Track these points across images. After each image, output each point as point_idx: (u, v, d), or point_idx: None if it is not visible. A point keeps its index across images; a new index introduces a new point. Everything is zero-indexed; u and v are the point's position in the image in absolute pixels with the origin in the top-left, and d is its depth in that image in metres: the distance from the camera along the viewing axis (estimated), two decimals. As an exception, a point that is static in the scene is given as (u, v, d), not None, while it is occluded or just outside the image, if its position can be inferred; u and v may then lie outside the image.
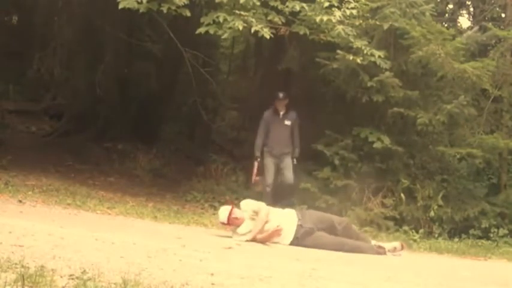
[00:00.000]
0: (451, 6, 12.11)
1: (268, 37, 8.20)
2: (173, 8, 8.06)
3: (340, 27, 8.27)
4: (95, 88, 11.70)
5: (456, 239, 8.45)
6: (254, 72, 14.82)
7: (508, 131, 9.27)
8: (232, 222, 6.35)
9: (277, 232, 6.20)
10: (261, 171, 8.76)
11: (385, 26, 8.75)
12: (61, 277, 3.22)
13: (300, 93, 11.33)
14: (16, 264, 3.37)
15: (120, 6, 8.03)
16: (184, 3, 8.06)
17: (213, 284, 3.53)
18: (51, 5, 14.02)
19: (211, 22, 8.30)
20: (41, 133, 13.54)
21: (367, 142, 8.78)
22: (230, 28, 8.09)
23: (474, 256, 7.57)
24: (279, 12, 8.43)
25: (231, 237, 6.43)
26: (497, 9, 11.03)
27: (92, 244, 4.51)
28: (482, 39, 9.78)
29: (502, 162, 9.34)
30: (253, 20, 8.05)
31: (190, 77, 10.79)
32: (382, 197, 8.64)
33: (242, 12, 8.01)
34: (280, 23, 8.40)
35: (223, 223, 6.45)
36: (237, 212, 6.34)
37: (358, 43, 8.50)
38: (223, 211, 6.40)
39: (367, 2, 8.72)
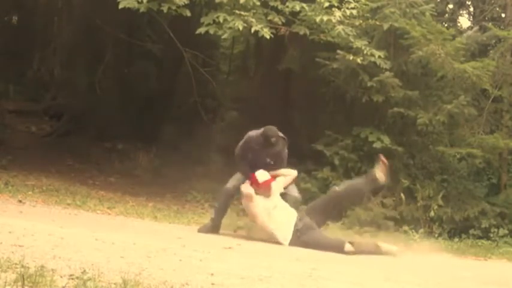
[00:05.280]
0: (451, 6, 12.09)
1: (268, 37, 8.20)
2: (173, 8, 8.07)
3: (340, 27, 8.28)
4: (95, 88, 11.70)
5: (456, 239, 8.46)
6: (254, 72, 14.80)
7: (508, 131, 9.26)
8: (264, 187, 6.36)
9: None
10: None
11: (385, 26, 8.76)
12: (61, 277, 3.21)
13: (300, 93, 11.33)
14: (16, 264, 3.36)
15: (120, 6, 8.04)
16: (184, 3, 8.08)
17: (213, 284, 3.53)
18: (51, 5, 14.02)
19: (211, 22, 8.31)
20: (41, 133, 13.53)
21: (367, 142, 8.78)
22: (230, 28, 8.10)
23: (474, 256, 7.57)
24: (279, 12, 8.44)
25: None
26: (497, 9, 11.01)
27: (92, 244, 4.51)
28: (482, 39, 9.77)
29: (502, 162, 9.34)
30: (253, 20, 8.05)
31: (190, 77, 10.79)
32: (382, 197, 8.63)
33: (242, 12, 8.02)
34: (280, 23, 8.41)
35: (256, 182, 6.37)
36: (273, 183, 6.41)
37: (358, 43, 8.51)
38: (264, 175, 6.39)
39: (367, 2, 8.73)
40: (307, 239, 6.16)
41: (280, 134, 6.62)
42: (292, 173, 6.74)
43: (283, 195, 6.60)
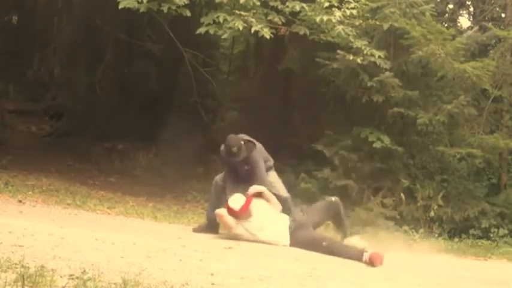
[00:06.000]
0: (451, 6, 12.09)
1: (268, 37, 8.21)
2: (173, 8, 8.08)
3: (340, 27, 8.28)
4: (95, 88, 11.71)
5: (456, 239, 8.47)
6: (254, 72, 14.82)
7: (508, 131, 9.27)
8: (242, 213, 5.87)
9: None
10: None
11: (385, 26, 8.76)
12: (61, 277, 3.22)
13: (300, 93, 11.34)
14: (16, 264, 3.36)
15: (120, 6, 8.04)
16: (184, 3, 8.08)
17: (213, 284, 3.53)
18: (51, 5, 14.04)
19: (211, 22, 8.31)
20: (41, 133, 13.54)
21: (367, 142, 8.78)
22: (230, 28, 8.10)
23: (474, 256, 7.58)
24: (279, 12, 8.45)
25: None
26: (497, 9, 11.01)
27: (92, 244, 4.51)
28: (482, 39, 9.77)
29: (502, 162, 9.35)
30: (253, 20, 8.06)
31: (190, 77, 10.80)
32: (382, 197, 8.65)
33: (242, 12, 8.02)
34: (280, 23, 8.41)
35: (233, 211, 5.87)
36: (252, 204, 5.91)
37: (358, 43, 8.51)
38: (239, 199, 5.89)
39: (367, 2, 8.73)
40: (299, 238, 6.01)
41: (246, 138, 6.38)
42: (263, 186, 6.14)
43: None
